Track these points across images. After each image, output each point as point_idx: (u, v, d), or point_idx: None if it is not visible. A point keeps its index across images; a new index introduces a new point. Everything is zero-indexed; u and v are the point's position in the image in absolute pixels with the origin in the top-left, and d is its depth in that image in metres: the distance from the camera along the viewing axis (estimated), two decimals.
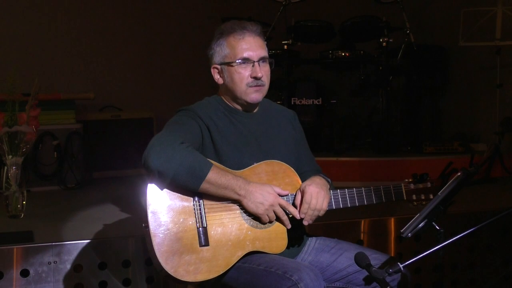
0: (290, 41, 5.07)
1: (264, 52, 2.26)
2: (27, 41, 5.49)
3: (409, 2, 5.34)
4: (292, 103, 5.04)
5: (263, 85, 2.26)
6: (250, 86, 2.24)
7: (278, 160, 2.26)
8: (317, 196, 2.17)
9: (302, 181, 2.26)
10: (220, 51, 2.26)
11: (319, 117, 5.20)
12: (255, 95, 2.26)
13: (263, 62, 2.26)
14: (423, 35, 5.93)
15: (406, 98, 5.85)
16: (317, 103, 5.11)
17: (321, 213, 2.20)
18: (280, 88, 5.07)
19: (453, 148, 5.09)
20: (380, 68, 5.09)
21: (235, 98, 2.29)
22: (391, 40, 5.04)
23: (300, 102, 5.09)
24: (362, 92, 5.58)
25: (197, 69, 5.22)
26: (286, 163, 2.26)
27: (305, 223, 2.20)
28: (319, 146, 5.03)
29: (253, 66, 2.24)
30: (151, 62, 5.97)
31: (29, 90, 3.63)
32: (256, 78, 2.23)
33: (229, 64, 2.24)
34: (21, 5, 5.51)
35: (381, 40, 5.05)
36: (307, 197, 2.17)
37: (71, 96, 4.97)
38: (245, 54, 2.23)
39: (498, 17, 4.88)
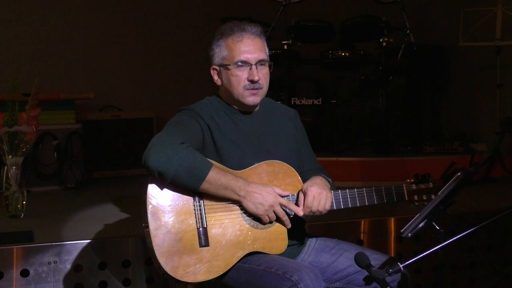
0: (290, 41, 5.07)
1: (262, 55, 2.25)
2: (27, 41, 5.49)
3: (409, 2, 5.34)
4: (292, 103, 5.03)
5: (260, 88, 2.25)
6: (247, 89, 2.23)
7: (279, 159, 2.26)
8: (319, 198, 2.17)
9: (303, 180, 2.26)
10: (219, 52, 2.26)
11: (319, 117, 5.20)
12: (251, 98, 2.25)
13: (261, 65, 2.25)
14: (423, 35, 5.94)
15: (406, 98, 5.85)
16: (317, 103, 5.11)
17: (323, 212, 2.20)
18: (280, 88, 5.07)
19: (453, 148, 5.09)
20: (380, 68, 5.09)
21: (233, 99, 2.29)
22: (391, 40, 5.04)
23: (300, 102, 5.08)
24: (362, 92, 5.58)
25: (197, 69, 5.25)
26: (287, 162, 2.26)
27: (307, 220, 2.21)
28: (319, 146, 5.03)
29: (250, 69, 2.23)
30: (151, 62, 5.97)
31: (29, 90, 3.63)
32: (252, 81, 2.23)
33: (226, 66, 2.24)
34: (21, 6, 5.51)
35: (381, 40, 5.05)
36: (309, 200, 2.17)
37: (71, 96, 4.98)
38: (243, 57, 2.22)
39: (498, 17, 4.88)
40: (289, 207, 2.17)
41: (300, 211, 2.18)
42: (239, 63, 2.22)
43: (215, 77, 2.31)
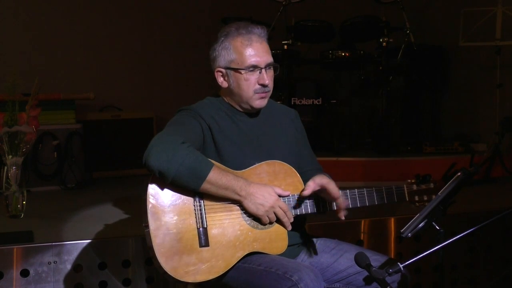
0: (290, 41, 5.06)
1: (270, 58, 2.25)
2: (27, 41, 5.49)
3: (409, 2, 5.34)
4: (292, 103, 5.04)
5: (268, 91, 2.26)
6: (257, 93, 2.24)
7: (279, 159, 2.26)
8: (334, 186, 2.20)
9: (304, 181, 2.25)
10: (226, 55, 2.24)
11: (319, 117, 5.20)
12: (260, 102, 2.26)
13: (268, 68, 2.25)
14: (423, 35, 5.93)
15: (406, 98, 5.85)
16: (317, 103, 5.11)
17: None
18: (280, 88, 5.07)
19: (453, 148, 5.10)
20: (380, 68, 5.09)
21: (240, 102, 2.28)
22: (391, 40, 5.04)
23: (300, 102, 5.08)
24: (362, 92, 5.58)
25: (197, 69, 5.24)
26: (288, 163, 2.26)
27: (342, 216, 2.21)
28: (319, 146, 5.02)
29: (260, 72, 2.22)
30: (151, 62, 5.97)
31: (29, 90, 3.63)
32: (263, 85, 2.23)
33: (236, 70, 2.23)
34: (21, 6, 5.51)
35: (381, 40, 5.05)
36: (331, 186, 2.18)
37: (71, 96, 4.98)
38: (253, 61, 2.21)
39: (498, 17, 4.88)
40: (286, 215, 2.17)
41: (290, 226, 2.17)
42: (250, 68, 2.21)
43: (220, 79, 2.29)
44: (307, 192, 2.18)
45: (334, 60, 5.30)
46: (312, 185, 2.18)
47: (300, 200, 2.22)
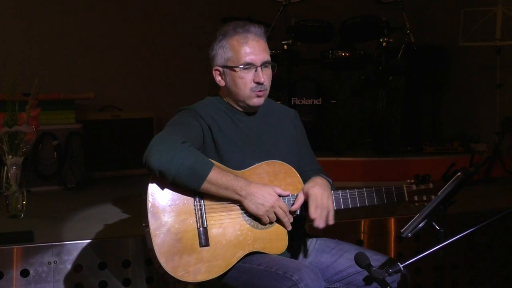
0: (290, 41, 5.07)
1: (267, 56, 2.25)
2: (27, 41, 5.49)
3: (409, 2, 5.34)
4: (292, 103, 5.04)
5: (265, 90, 2.26)
6: (253, 91, 2.24)
7: (279, 159, 2.26)
8: (321, 197, 2.17)
9: (303, 181, 2.26)
10: (223, 53, 2.25)
11: (319, 117, 5.20)
12: (257, 100, 2.26)
13: (265, 66, 2.25)
14: (423, 35, 5.93)
15: (406, 98, 5.84)
16: (317, 103, 5.11)
17: (331, 214, 2.19)
18: (280, 88, 5.07)
19: (453, 148, 5.10)
20: (380, 68, 5.09)
21: (237, 101, 2.28)
22: (391, 40, 5.04)
23: (300, 102, 5.09)
24: (362, 92, 5.58)
25: (197, 69, 5.24)
26: (287, 163, 2.26)
27: (321, 225, 2.19)
28: (319, 146, 5.03)
29: (256, 70, 2.23)
30: (151, 62, 5.97)
31: (29, 90, 3.63)
32: (259, 83, 2.23)
33: (231, 68, 2.23)
34: (21, 6, 5.51)
35: (381, 40, 5.05)
36: (312, 201, 2.16)
37: (71, 96, 4.97)
38: (248, 59, 2.21)
39: (498, 17, 4.88)
40: (286, 215, 2.17)
41: (289, 226, 2.17)
42: (246, 65, 2.21)
43: (218, 78, 2.30)
44: (295, 206, 2.19)
45: (334, 60, 5.30)
46: (301, 198, 2.20)
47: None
